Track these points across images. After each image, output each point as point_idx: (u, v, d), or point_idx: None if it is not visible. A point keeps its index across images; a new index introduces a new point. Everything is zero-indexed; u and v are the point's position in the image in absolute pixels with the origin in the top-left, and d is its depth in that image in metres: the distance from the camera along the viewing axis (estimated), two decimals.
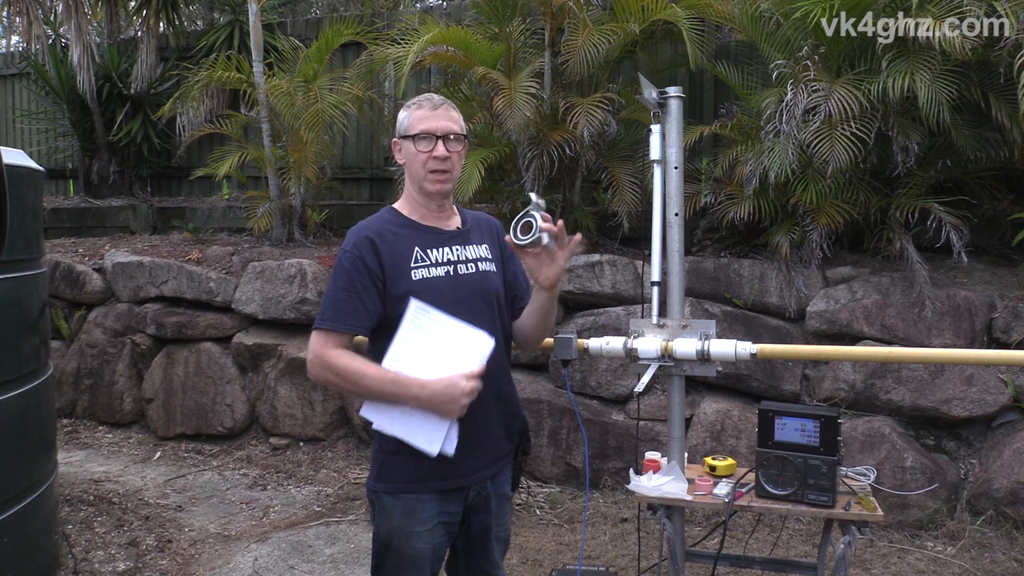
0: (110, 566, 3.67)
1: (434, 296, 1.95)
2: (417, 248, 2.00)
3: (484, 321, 2.01)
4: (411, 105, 2.05)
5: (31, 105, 8.55)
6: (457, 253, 2.05)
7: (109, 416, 5.81)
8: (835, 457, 2.41)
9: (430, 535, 1.98)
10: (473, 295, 2.03)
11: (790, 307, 4.37)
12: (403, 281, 1.95)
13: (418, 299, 1.93)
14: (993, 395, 3.93)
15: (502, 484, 2.13)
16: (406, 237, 2.01)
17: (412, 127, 2.01)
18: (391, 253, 1.97)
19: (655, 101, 2.57)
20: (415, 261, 1.98)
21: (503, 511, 2.15)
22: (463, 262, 2.05)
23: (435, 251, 2.01)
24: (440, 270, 2.00)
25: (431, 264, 1.99)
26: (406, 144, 2.03)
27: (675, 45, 5.33)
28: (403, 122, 2.04)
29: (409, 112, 2.04)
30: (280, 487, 4.75)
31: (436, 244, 2.03)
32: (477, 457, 2.02)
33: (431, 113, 2.00)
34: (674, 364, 2.50)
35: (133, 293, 5.83)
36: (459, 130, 2.03)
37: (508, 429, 2.12)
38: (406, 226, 2.04)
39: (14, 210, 3.04)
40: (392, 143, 2.09)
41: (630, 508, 4.13)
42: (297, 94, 5.84)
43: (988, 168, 4.39)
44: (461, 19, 5.99)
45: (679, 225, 2.58)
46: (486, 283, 2.07)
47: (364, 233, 1.98)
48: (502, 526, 2.16)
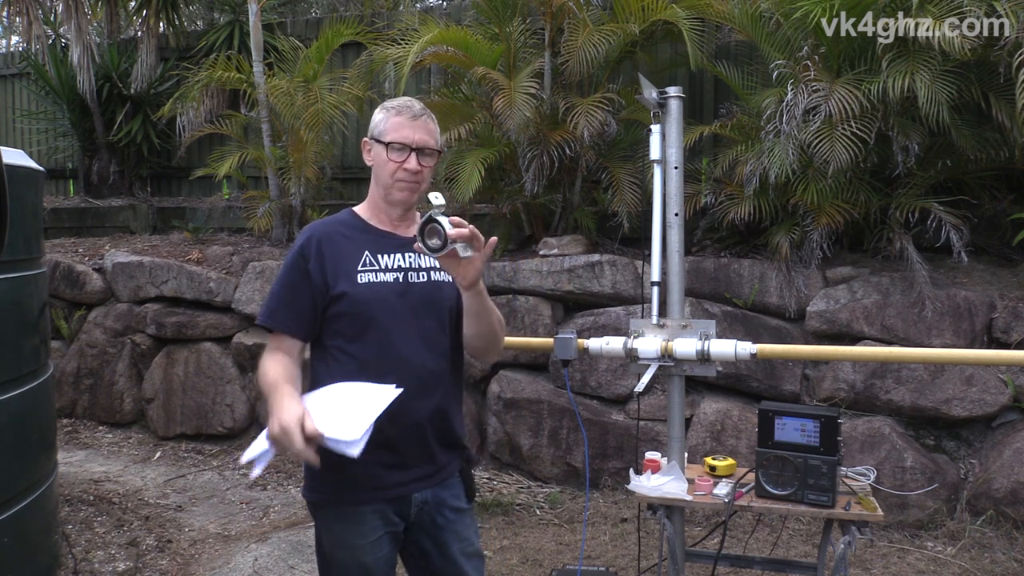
0: (110, 566, 3.67)
1: (379, 302, 1.90)
2: (367, 252, 1.95)
3: (430, 332, 1.96)
4: (390, 108, 1.97)
5: (31, 105, 8.55)
6: (410, 260, 1.97)
7: (109, 416, 5.81)
8: (835, 457, 2.41)
9: (375, 547, 1.92)
10: (421, 304, 1.96)
11: (790, 307, 4.37)
12: (346, 282, 1.90)
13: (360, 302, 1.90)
14: (993, 395, 3.93)
15: (452, 498, 2.02)
16: (357, 240, 1.96)
17: (387, 132, 1.94)
18: (336, 255, 1.93)
19: (655, 101, 2.57)
20: (363, 264, 1.93)
21: (463, 525, 2.04)
22: (415, 270, 1.98)
23: (386, 256, 1.96)
24: (389, 276, 1.94)
25: (379, 269, 1.94)
26: (377, 147, 1.96)
27: (675, 45, 5.33)
28: (378, 124, 1.96)
29: (386, 116, 1.96)
30: (280, 487, 4.75)
31: (389, 250, 1.97)
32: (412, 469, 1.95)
33: (409, 123, 1.93)
34: (674, 364, 2.50)
35: (133, 293, 5.83)
36: (434, 145, 1.96)
37: (447, 438, 2.02)
38: (361, 230, 1.99)
39: (14, 210, 3.04)
40: (363, 141, 2.02)
41: (630, 508, 4.13)
42: (297, 94, 5.85)
43: (988, 168, 4.38)
44: (461, 19, 5.99)
45: (679, 225, 2.58)
46: (437, 293, 1.99)
47: (312, 232, 1.97)
48: (467, 541, 2.04)
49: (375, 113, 2.00)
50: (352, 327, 1.91)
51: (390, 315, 1.92)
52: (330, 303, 1.92)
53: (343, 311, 1.91)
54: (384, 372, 1.89)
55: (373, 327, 1.91)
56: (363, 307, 1.90)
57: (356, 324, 1.91)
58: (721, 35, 5.27)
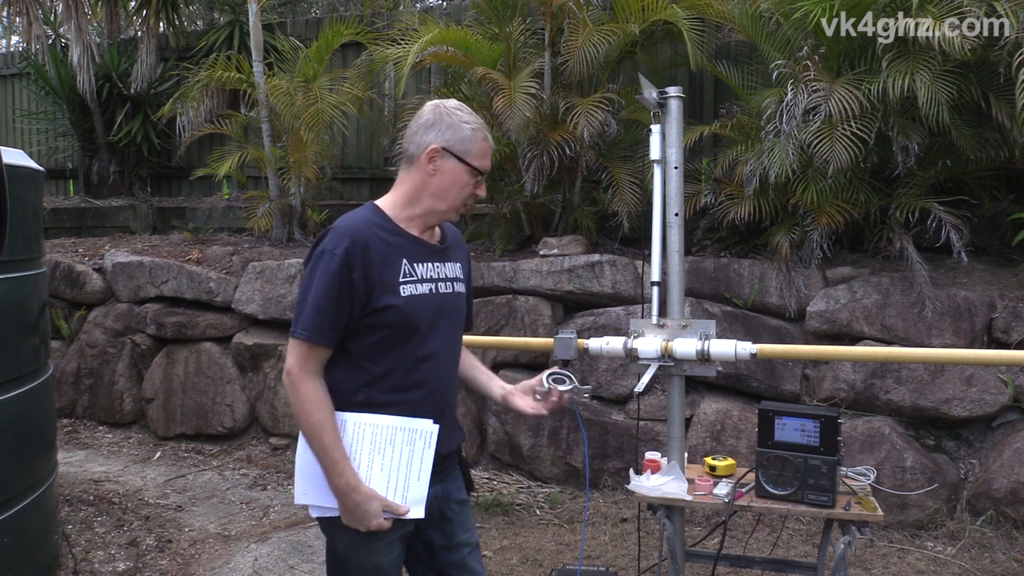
0: (110, 566, 3.67)
1: (420, 315, 1.89)
2: (405, 261, 1.90)
3: (453, 343, 2.02)
4: (476, 128, 1.91)
5: (31, 105, 8.55)
6: (438, 270, 1.97)
7: (109, 416, 5.81)
8: (835, 457, 2.41)
9: (390, 548, 1.94)
10: (448, 316, 1.99)
11: (790, 307, 4.37)
12: (391, 296, 1.85)
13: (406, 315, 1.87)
14: (993, 395, 3.93)
15: (456, 491, 2.07)
16: (394, 247, 1.89)
17: (473, 156, 1.91)
18: (380, 264, 1.85)
19: (655, 101, 2.57)
20: (404, 276, 1.88)
21: (465, 516, 2.10)
22: (443, 280, 1.98)
23: (421, 266, 1.93)
24: (424, 287, 1.92)
25: (417, 280, 1.91)
26: (457, 165, 1.90)
27: (675, 45, 5.33)
28: (465, 141, 1.90)
29: (475, 136, 1.91)
30: (280, 487, 4.75)
31: (422, 258, 1.94)
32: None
33: (488, 149, 1.95)
34: (674, 364, 2.50)
35: (133, 293, 5.83)
36: None
37: (452, 436, 2.06)
38: (394, 233, 1.91)
39: (14, 210, 3.04)
40: (433, 148, 1.89)
41: (630, 508, 4.13)
42: (297, 94, 5.84)
43: (988, 168, 4.38)
44: (461, 19, 5.99)
45: (679, 225, 2.58)
46: (459, 304, 2.04)
47: (353, 238, 1.83)
48: (469, 531, 2.10)
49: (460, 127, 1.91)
50: (390, 340, 1.88)
51: (427, 327, 1.92)
52: (371, 314, 1.85)
53: (385, 323, 1.86)
54: (414, 385, 1.92)
55: (413, 340, 1.90)
56: (406, 320, 1.88)
57: (396, 337, 1.88)
58: (721, 35, 5.27)
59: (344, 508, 1.85)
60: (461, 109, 1.94)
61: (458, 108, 1.94)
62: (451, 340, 2.01)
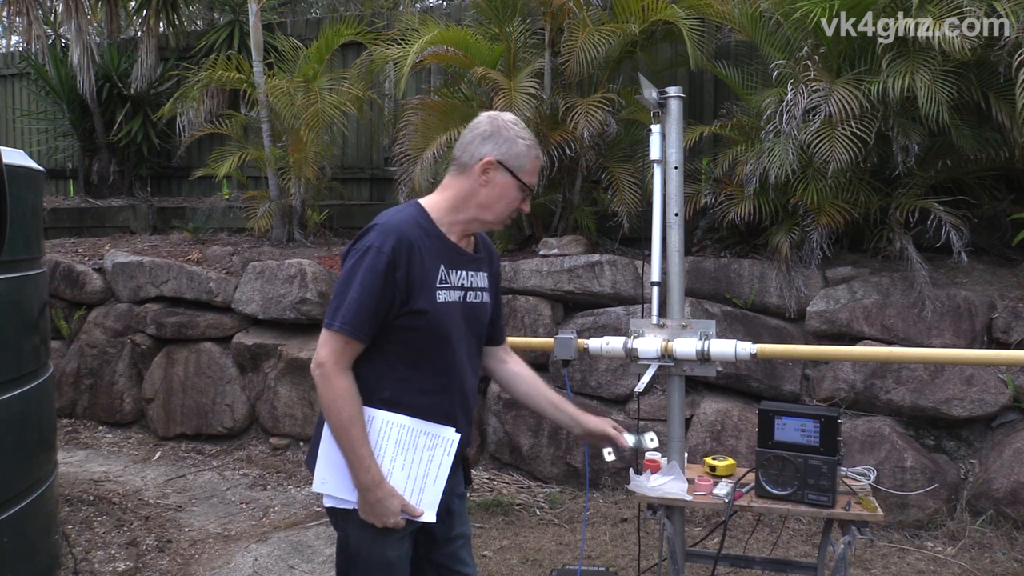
0: (110, 566, 3.67)
1: (451, 322, 1.93)
2: (443, 267, 1.93)
3: (475, 352, 2.06)
4: (530, 145, 1.97)
5: (31, 105, 8.55)
6: (470, 279, 2.00)
7: (109, 416, 5.81)
8: (835, 457, 2.41)
9: (400, 543, 1.97)
10: (474, 324, 2.03)
11: (790, 307, 4.37)
12: (428, 298, 1.88)
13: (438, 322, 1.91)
14: (993, 395, 3.93)
15: (457, 484, 2.12)
16: (434, 251, 1.92)
17: (526, 171, 1.96)
18: (421, 267, 1.87)
19: (655, 101, 2.57)
20: (440, 281, 1.91)
21: (462, 510, 2.18)
22: (473, 289, 2.01)
23: (456, 273, 1.96)
24: (455, 294, 1.95)
25: (451, 287, 1.94)
26: (508, 179, 1.94)
27: (675, 45, 5.33)
28: (519, 156, 1.94)
29: (529, 153, 1.96)
30: (280, 487, 4.75)
31: (458, 266, 1.97)
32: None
33: (538, 166, 2.01)
34: (674, 364, 2.50)
35: (133, 293, 5.83)
36: None
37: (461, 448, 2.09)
38: (436, 237, 1.94)
39: (14, 210, 3.04)
40: (488, 160, 1.93)
41: (630, 508, 4.13)
42: (297, 94, 5.84)
43: (988, 168, 4.38)
44: (461, 19, 6.00)
45: (679, 225, 2.58)
46: (483, 314, 2.07)
47: (400, 237, 1.85)
48: (465, 524, 2.18)
49: (515, 141, 1.95)
50: (421, 342, 1.91)
51: (456, 334, 1.95)
52: (405, 315, 1.87)
53: (417, 326, 1.89)
54: (438, 389, 1.95)
55: (443, 346, 1.93)
56: (438, 326, 1.91)
57: (427, 340, 1.91)
58: (721, 35, 5.27)
59: (364, 503, 1.88)
60: (516, 124, 1.99)
61: (514, 123, 1.99)
62: (472, 348, 2.05)
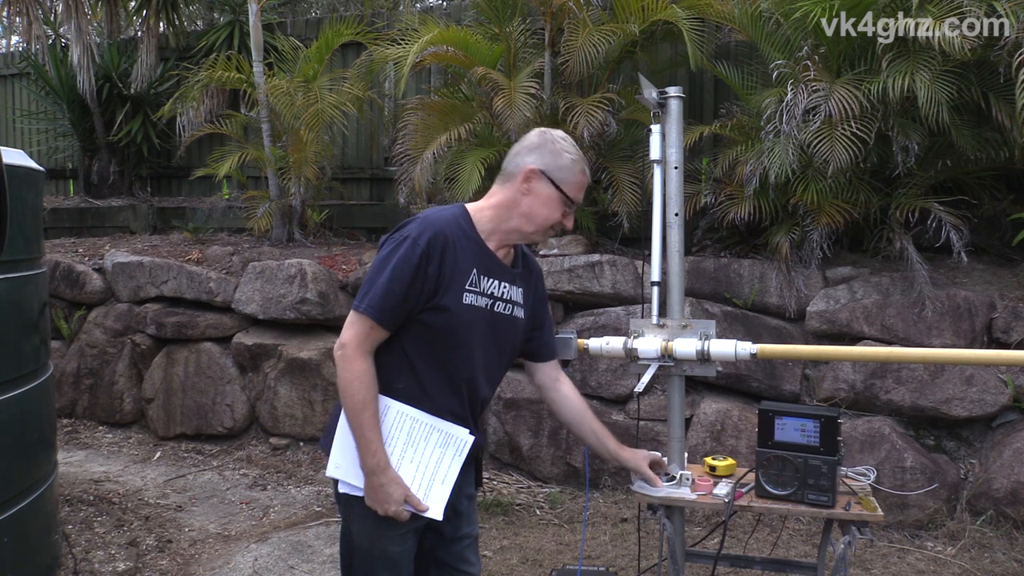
0: (110, 566, 3.67)
1: (472, 326, 1.93)
2: (475, 271, 1.94)
3: (495, 363, 2.04)
4: (576, 160, 1.98)
5: (31, 105, 8.55)
6: (502, 290, 2.01)
7: (109, 416, 5.81)
8: (835, 457, 2.40)
9: (402, 539, 1.98)
10: (500, 336, 2.02)
11: (790, 307, 4.37)
12: (453, 297, 1.90)
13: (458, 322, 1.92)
14: (993, 395, 3.93)
15: (467, 485, 2.13)
16: (470, 254, 1.94)
17: (569, 185, 1.97)
18: (453, 265, 1.90)
19: (655, 101, 2.57)
20: (470, 284, 1.93)
21: (471, 510, 2.19)
22: (503, 301, 2.01)
23: (487, 280, 1.97)
24: (483, 301, 1.96)
25: (480, 292, 1.95)
26: (551, 190, 1.96)
27: (675, 45, 5.33)
28: (563, 169, 1.96)
29: (574, 167, 1.98)
30: (280, 487, 4.75)
31: (491, 274, 1.98)
32: None
33: (584, 183, 2.00)
34: (674, 364, 2.50)
35: (133, 293, 5.83)
36: None
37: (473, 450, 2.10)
38: (474, 242, 1.97)
39: (14, 210, 3.04)
40: (531, 168, 1.96)
41: (630, 508, 4.13)
42: (297, 94, 5.84)
43: (988, 168, 4.38)
44: (461, 19, 6.00)
45: (679, 225, 2.57)
46: (512, 328, 2.06)
47: (437, 232, 1.88)
48: (472, 524, 2.20)
49: (563, 154, 1.98)
50: (440, 341, 1.92)
51: (475, 339, 1.95)
52: (428, 310, 1.89)
53: (437, 324, 1.90)
54: (450, 390, 1.96)
55: (460, 348, 1.94)
56: (458, 327, 1.92)
57: (444, 339, 1.92)
58: (721, 35, 5.27)
59: (368, 487, 1.89)
60: (565, 139, 2.00)
61: (563, 138, 2.01)
62: (494, 360, 2.04)
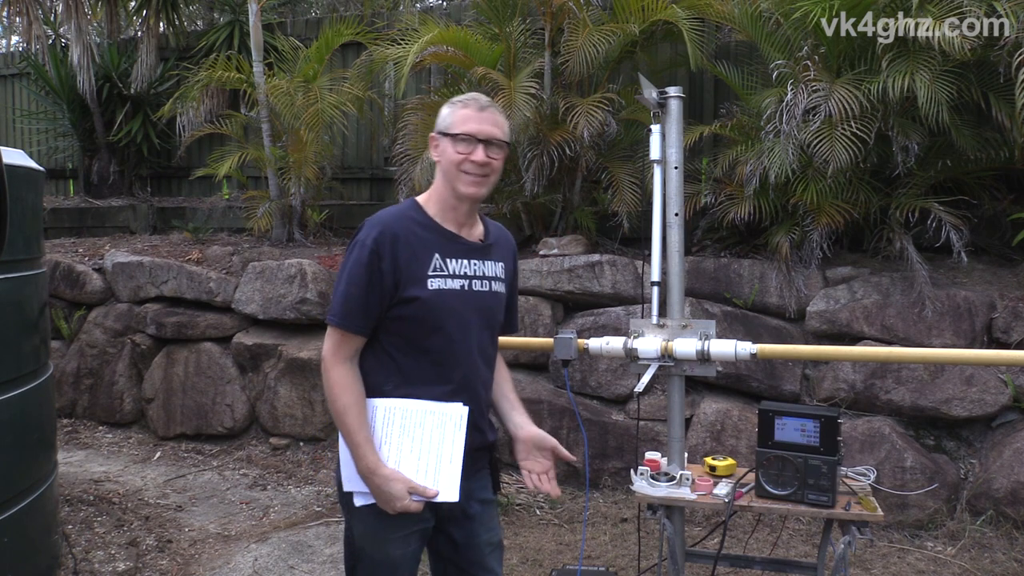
0: (110, 566, 3.67)
1: (446, 310, 1.92)
2: (437, 255, 1.93)
3: (484, 339, 2.01)
4: (456, 103, 1.97)
5: (31, 105, 8.55)
6: (475, 268, 1.98)
7: (109, 416, 5.81)
8: (835, 457, 2.41)
9: (404, 542, 1.95)
10: (481, 313, 2.00)
11: (790, 307, 4.37)
12: (418, 286, 1.89)
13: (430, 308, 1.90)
14: (993, 395, 3.93)
15: (480, 490, 2.08)
16: (428, 241, 1.93)
17: (454, 126, 1.93)
18: (410, 256, 1.89)
19: (655, 101, 2.57)
20: (433, 269, 1.91)
21: (488, 516, 2.10)
22: (479, 278, 1.99)
23: (454, 262, 1.95)
24: (456, 283, 1.94)
25: (448, 275, 1.93)
26: (444, 141, 1.95)
27: (675, 45, 5.33)
28: (445, 118, 1.96)
29: (453, 109, 1.96)
30: (280, 487, 4.75)
31: (457, 254, 1.96)
32: None
33: (476, 114, 1.93)
34: (674, 364, 2.50)
35: (133, 293, 5.83)
36: (502, 136, 1.96)
37: (482, 439, 2.08)
38: (429, 228, 1.95)
39: (14, 210, 3.04)
40: (430, 137, 2.00)
41: (630, 508, 4.13)
42: (297, 94, 5.84)
43: (988, 168, 4.38)
44: (461, 19, 6.00)
45: (679, 225, 2.58)
46: (494, 303, 2.04)
47: (384, 229, 1.89)
48: (492, 531, 2.11)
49: (442, 109, 1.99)
50: (416, 332, 1.91)
51: (455, 323, 1.93)
52: (397, 304, 1.90)
53: (410, 315, 1.90)
54: (441, 380, 1.94)
55: (438, 334, 1.92)
56: (431, 314, 1.90)
57: (421, 330, 1.91)
58: (721, 35, 5.27)
59: (371, 491, 1.89)
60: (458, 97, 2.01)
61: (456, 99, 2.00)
62: (483, 339, 2.01)
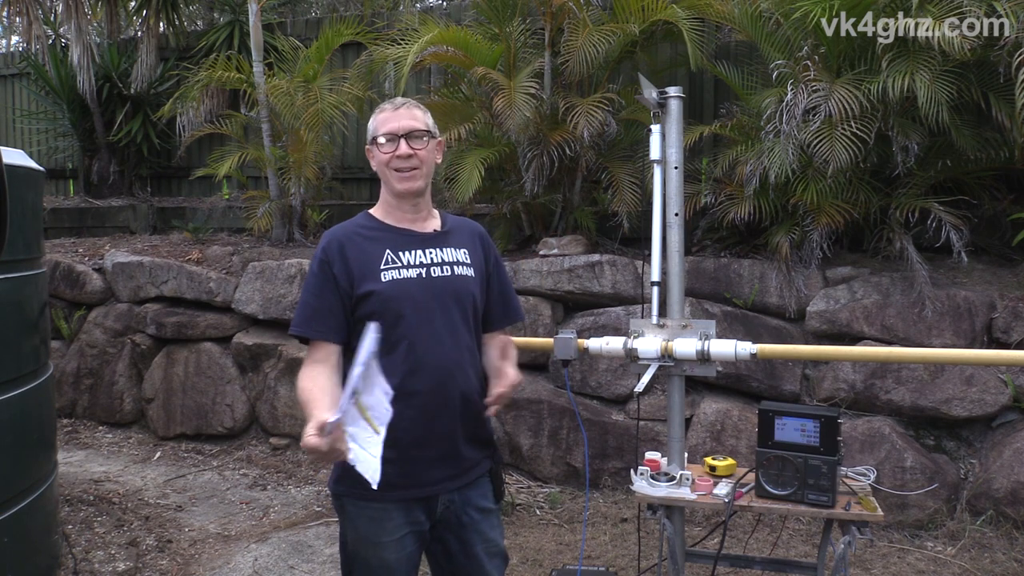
0: (110, 566, 3.67)
1: (405, 298, 1.94)
2: (388, 250, 1.99)
3: (455, 323, 1.99)
4: (376, 111, 2.06)
5: (31, 105, 8.55)
6: (431, 256, 2.02)
7: (109, 416, 5.81)
8: (835, 457, 2.41)
9: (399, 544, 1.94)
10: (446, 298, 1.99)
11: (790, 307, 4.37)
12: (371, 281, 1.94)
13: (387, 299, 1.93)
14: (993, 395, 3.93)
15: (478, 498, 2.05)
16: (378, 240, 2.00)
17: (376, 130, 2.02)
18: (360, 255, 1.96)
19: (655, 101, 2.57)
20: (385, 263, 1.97)
21: (489, 526, 2.07)
22: (437, 264, 2.01)
23: (407, 253, 1.99)
24: (412, 272, 1.98)
25: (402, 266, 1.97)
26: (374, 149, 2.03)
27: (675, 45, 5.33)
28: (369, 129, 2.05)
29: (373, 117, 2.05)
30: (280, 487, 4.75)
31: (409, 246, 2.01)
32: (440, 467, 1.98)
33: (392, 114, 2.00)
34: (674, 364, 2.50)
35: (133, 293, 5.83)
36: (422, 127, 2.00)
37: (474, 435, 2.04)
38: (379, 229, 2.03)
39: (14, 210, 3.04)
40: (366, 150, 2.08)
41: (630, 508, 4.13)
42: (297, 94, 5.84)
43: (988, 168, 4.38)
44: (461, 19, 6.00)
45: (679, 225, 2.58)
46: (460, 285, 2.03)
47: (331, 237, 2.00)
48: (491, 542, 2.07)
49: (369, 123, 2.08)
50: (383, 327, 1.89)
51: (416, 311, 1.95)
52: (357, 304, 1.95)
53: (371, 310, 1.93)
54: (414, 368, 1.93)
55: (401, 324, 1.93)
56: (390, 304, 1.93)
57: (383, 322, 1.89)
58: (721, 35, 5.27)
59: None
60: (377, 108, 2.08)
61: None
62: (455, 321, 2.00)
